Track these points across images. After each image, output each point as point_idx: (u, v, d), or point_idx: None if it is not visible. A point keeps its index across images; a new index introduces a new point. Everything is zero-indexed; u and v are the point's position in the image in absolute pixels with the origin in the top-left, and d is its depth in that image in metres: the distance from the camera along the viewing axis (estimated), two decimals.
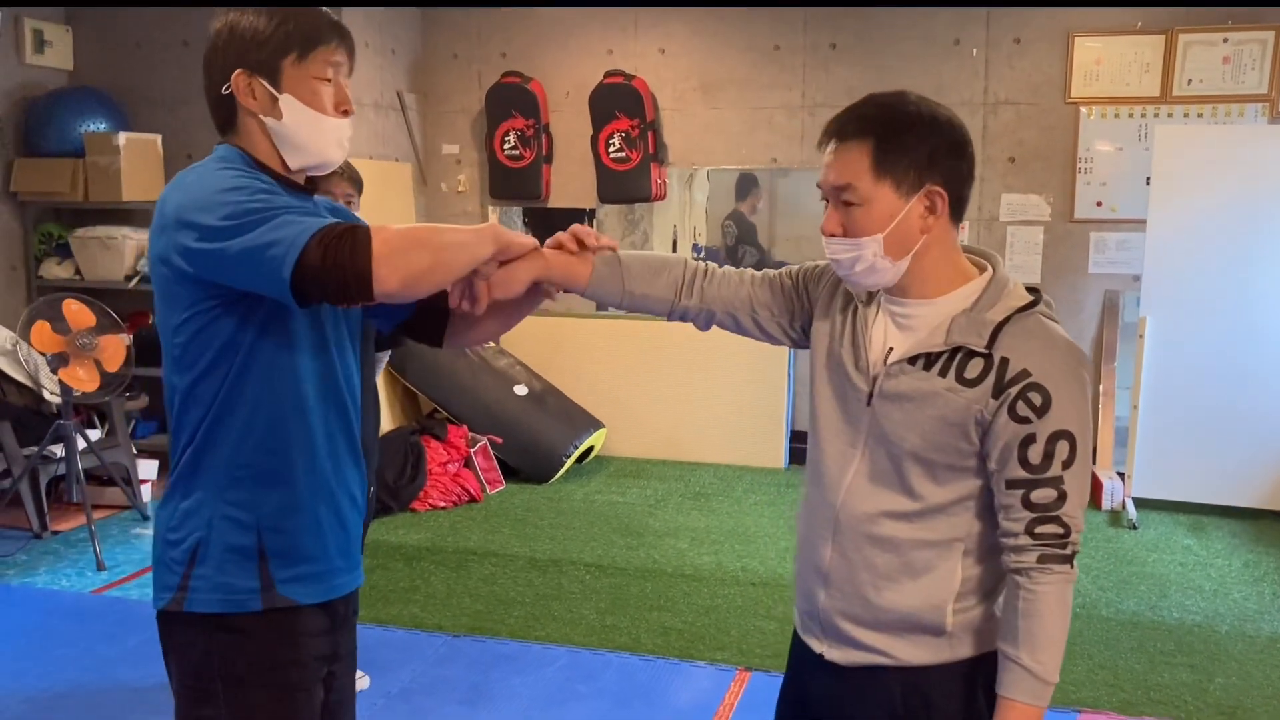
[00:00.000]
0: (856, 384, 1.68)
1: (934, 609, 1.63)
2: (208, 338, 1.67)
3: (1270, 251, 5.32)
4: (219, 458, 1.71)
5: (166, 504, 1.76)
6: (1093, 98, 5.83)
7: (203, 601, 1.71)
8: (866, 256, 1.60)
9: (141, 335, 5.61)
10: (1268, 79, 5.64)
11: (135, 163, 5.78)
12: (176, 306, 1.67)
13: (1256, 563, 4.85)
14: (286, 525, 1.74)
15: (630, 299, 1.85)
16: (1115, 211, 5.87)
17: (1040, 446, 1.54)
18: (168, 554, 1.74)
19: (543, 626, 4.05)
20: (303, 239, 1.54)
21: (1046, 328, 1.60)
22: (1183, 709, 3.49)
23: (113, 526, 5.23)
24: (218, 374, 1.68)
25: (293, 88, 1.70)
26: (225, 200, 1.58)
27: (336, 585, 1.83)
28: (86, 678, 3.60)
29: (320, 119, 1.73)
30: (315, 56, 1.71)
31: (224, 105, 1.74)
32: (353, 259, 1.54)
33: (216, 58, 1.73)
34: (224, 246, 1.56)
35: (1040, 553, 1.55)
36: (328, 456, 1.79)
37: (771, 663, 3.76)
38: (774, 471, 6.30)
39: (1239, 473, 5.37)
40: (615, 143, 6.28)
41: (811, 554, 1.74)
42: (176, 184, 1.68)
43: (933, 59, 6.04)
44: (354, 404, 1.86)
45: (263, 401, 1.70)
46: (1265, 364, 5.33)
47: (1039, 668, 1.55)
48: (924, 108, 1.59)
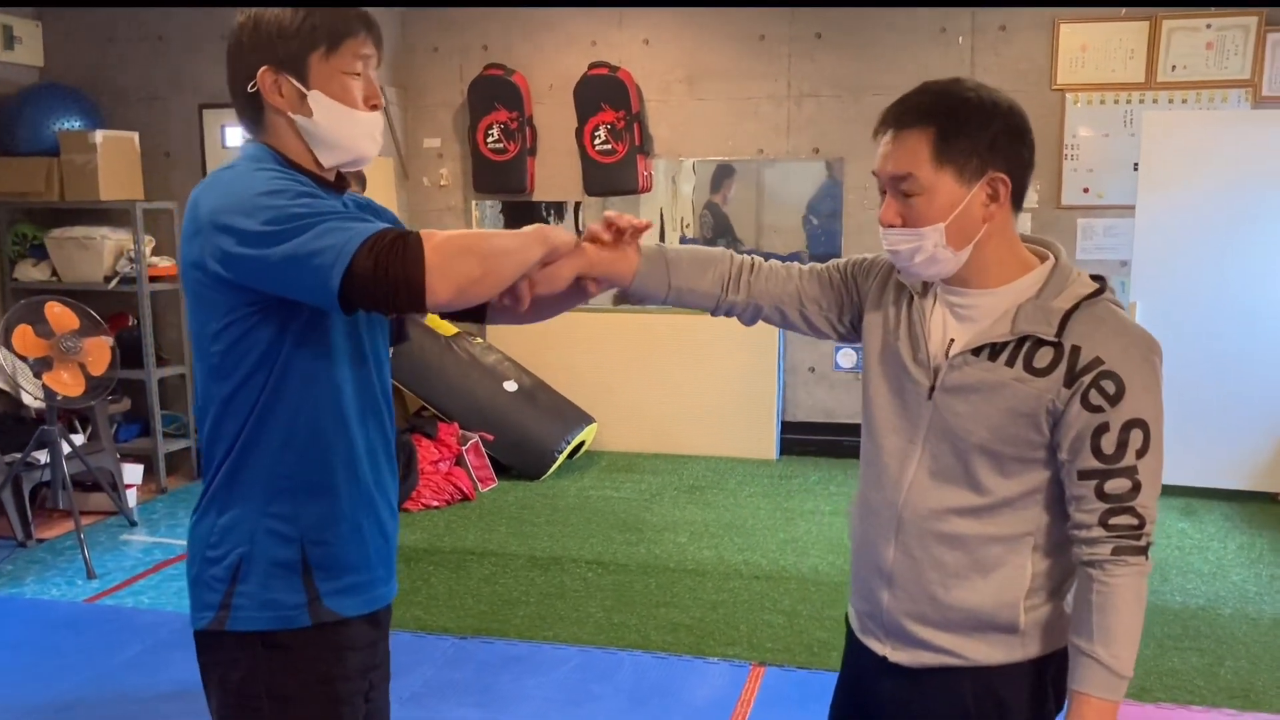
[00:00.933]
0: (916, 378, 1.64)
1: (1007, 606, 1.60)
2: (247, 345, 1.61)
3: (1257, 235, 5.36)
4: (259, 470, 1.65)
5: (202, 520, 1.69)
6: (1078, 84, 5.85)
7: (248, 619, 1.65)
8: (927, 247, 1.57)
9: (122, 337, 5.51)
10: (1250, 64, 5.68)
11: (112, 161, 5.65)
12: (213, 313, 1.61)
13: (1251, 545, 4.89)
14: (330, 536, 1.69)
15: (677, 295, 1.81)
16: (1102, 198, 5.89)
17: (1114, 436, 1.51)
18: (207, 572, 1.67)
19: (550, 626, 4.00)
20: (352, 246, 1.47)
21: (1117, 315, 1.57)
22: (1196, 693, 3.50)
23: (100, 533, 5.12)
24: (256, 382, 1.62)
25: (321, 83, 1.64)
26: (266, 204, 1.52)
27: (379, 595, 1.79)
28: (89, 689, 3.52)
29: (351, 114, 1.66)
30: (343, 50, 1.64)
31: (251, 103, 1.67)
32: (405, 268, 1.47)
33: (241, 54, 1.66)
34: (266, 253, 1.50)
35: (1115, 544, 1.52)
36: (369, 464, 1.74)
37: (784, 657, 3.74)
38: (766, 463, 6.29)
39: (1229, 455, 5.41)
40: (601, 135, 6.22)
41: (872, 554, 1.70)
42: (210, 186, 1.61)
43: (918, 47, 6.03)
44: (389, 409, 1.81)
45: (302, 410, 1.65)
46: (1253, 347, 5.37)
47: (1115, 661, 1.52)
48: (983, 93, 1.55)
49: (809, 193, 6.33)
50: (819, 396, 6.48)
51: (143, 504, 5.58)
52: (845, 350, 6.35)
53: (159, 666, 3.68)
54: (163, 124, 6.07)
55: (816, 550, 4.82)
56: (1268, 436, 5.47)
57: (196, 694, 3.40)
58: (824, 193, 6.28)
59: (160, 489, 5.82)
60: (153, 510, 5.52)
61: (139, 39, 6.05)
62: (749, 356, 6.27)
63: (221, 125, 5.98)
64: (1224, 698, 3.48)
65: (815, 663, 3.70)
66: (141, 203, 5.69)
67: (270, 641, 1.66)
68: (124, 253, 5.80)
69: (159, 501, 5.68)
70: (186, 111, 6.03)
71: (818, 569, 4.58)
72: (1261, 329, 5.38)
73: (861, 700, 1.80)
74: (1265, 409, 5.42)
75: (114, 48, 6.09)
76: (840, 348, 6.34)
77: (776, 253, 6.18)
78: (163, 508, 5.57)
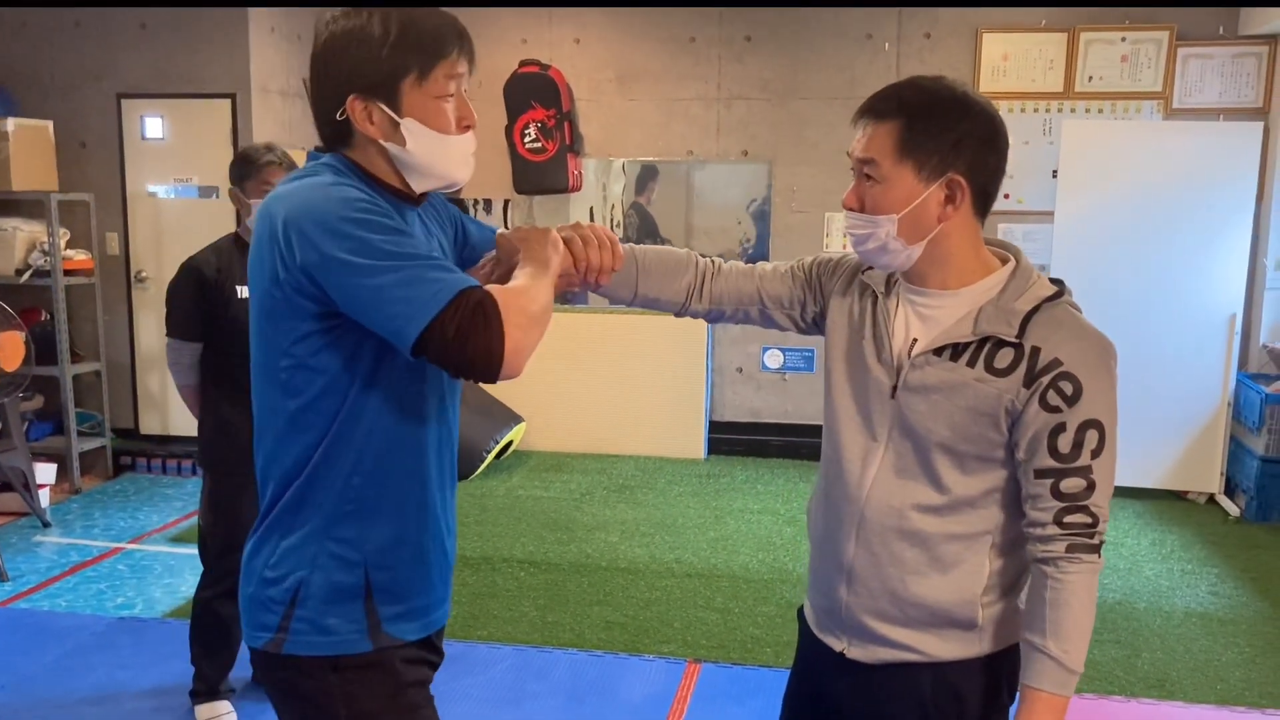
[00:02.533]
0: (879, 377, 1.66)
1: (965, 603, 1.62)
2: (322, 361, 1.53)
3: (1167, 242, 5.56)
4: (328, 492, 1.57)
5: (266, 539, 1.62)
6: (1000, 92, 5.99)
7: (305, 644, 1.59)
8: (879, 235, 1.59)
9: (35, 333, 5.34)
10: (1162, 77, 5.88)
11: (25, 150, 5.47)
12: (287, 325, 1.52)
13: (1162, 541, 5.07)
14: (393, 562, 1.63)
15: (643, 299, 1.83)
16: (1022, 203, 6.05)
17: (1070, 436, 1.54)
18: (265, 592, 1.61)
19: (483, 625, 3.98)
20: (435, 306, 1.41)
21: (1075, 318, 1.61)
22: (1116, 683, 3.62)
23: (11, 534, 4.95)
24: (329, 403, 1.55)
25: (414, 110, 1.54)
26: (351, 233, 1.44)
27: (436, 618, 1.74)
28: (7, 695, 3.40)
29: (445, 140, 1.57)
30: (437, 74, 1.54)
31: (338, 127, 1.57)
32: (488, 342, 1.42)
33: (327, 78, 1.55)
34: (348, 283, 1.43)
35: (1069, 542, 1.55)
36: (437, 487, 1.68)
37: (719, 654, 3.77)
38: (695, 462, 6.33)
39: (1141, 456, 5.60)
40: (531, 133, 6.20)
41: (832, 550, 1.72)
42: (286, 198, 1.51)
43: (846, 53, 6.13)
44: (455, 415, 1.75)
45: (377, 431, 1.57)
46: (1163, 350, 5.57)
47: (1065, 657, 1.55)
48: (960, 93, 1.57)
49: (738, 194, 6.39)
50: (746, 397, 6.54)
51: (56, 505, 5.41)
52: (772, 351, 6.42)
53: (79, 670, 3.57)
54: (79, 113, 5.88)
55: (746, 548, 4.87)
56: (1177, 438, 5.67)
57: (119, 697, 3.36)
58: (753, 194, 6.34)
59: (74, 489, 5.64)
60: (66, 511, 5.35)
61: (54, 25, 5.86)
62: (678, 357, 6.30)
63: (140, 115, 5.82)
64: (1142, 688, 3.60)
65: (750, 659, 3.73)
66: (56, 194, 5.52)
67: (338, 665, 1.61)
68: (37, 245, 5.61)
69: (73, 502, 5.51)
70: (104, 101, 5.85)
71: (748, 567, 4.63)
72: (1171, 333, 5.59)
73: (817, 698, 1.81)
74: (1175, 411, 5.63)
75: (27, 33, 5.89)
76: (767, 349, 6.40)
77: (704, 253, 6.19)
78: (77, 508, 5.40)
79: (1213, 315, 5.58)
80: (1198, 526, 5.30)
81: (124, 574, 4.49)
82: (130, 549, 4.80)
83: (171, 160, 5.94)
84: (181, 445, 6.03)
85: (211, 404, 3.15)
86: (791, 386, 6.49)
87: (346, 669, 1.61)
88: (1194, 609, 4.27)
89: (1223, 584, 4.54)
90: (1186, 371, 5.61)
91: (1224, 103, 5.83)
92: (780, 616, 4.08)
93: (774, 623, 4.04)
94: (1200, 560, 4.82)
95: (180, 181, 5.96)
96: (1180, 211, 5.54)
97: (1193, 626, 4.10)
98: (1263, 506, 5.37)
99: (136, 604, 4.17)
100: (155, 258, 6.05)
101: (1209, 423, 5.64)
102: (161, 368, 6.07)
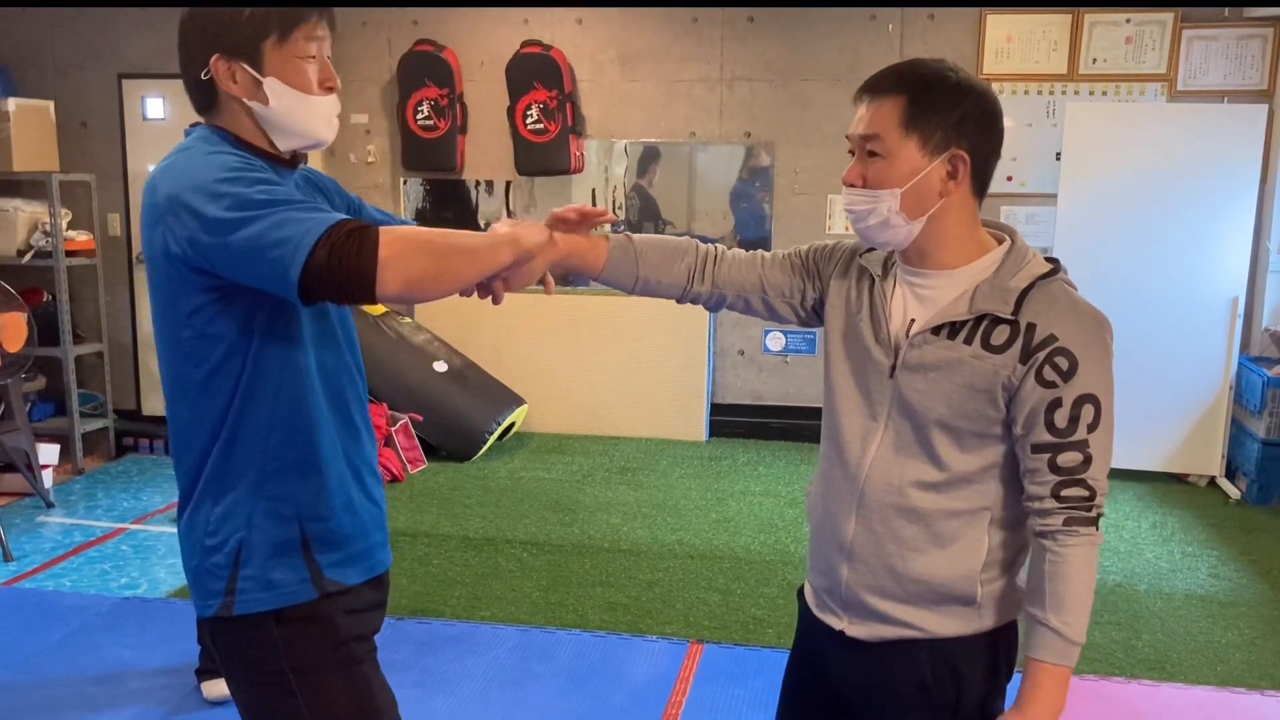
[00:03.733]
0: (877, 357, 1.68)
1: (964, 579, 1.64)
2: (219, 328, 1.60)
3: (1171, 225, 5.55)
4: (250, 454, 1.64)
5: (197, 509, 1.68)
6: (1003, 74, 5.98)
7: (254, 601, 1.66)
8: (881, 210, 1.61)
9: (37, 314, 5.34)
10: (1166, 59, 5.86)
11: (26, 131, 5.46)
12: (181, 298, 1.59)
13: (1163, 523, 5.08)
14: (325, 512, 1.70)
15: (644, 285, 1.86)
16: (1025, 186, 6.04)
17: (1066, 410, 1.56)
18: (208, 560, 1.67)
19: (486, 606, 4.00)
20: (311, 238, 1.47)
21: (1070, 294, 1.62)
22: (1117, 665, 3.64)
23: (15, 515, 4.96)
24: (233, 366, 1.62)
25: (276, 70, 1.63)
26: (225, 190, 1.51)
27: (378, 561, 1.81)
28: (13, 675, 3.41)
29: (307, 99, 1.66)
30: (297, 35, 1.63)
31: (203, 89, 1.66)
32: (358, 260, 1.48)
33: (193, 40, 1.64)
34: (227, 241, 1.50)
35: (1066, 515, 1.58)
36: (348, 437, 1.75)
37: (721, 635, 3.79)
38: (696, 444, 6.34)
39: (1142, 438, 5.61)
40: (533, 114, 6.18)
41: (833, 529, 1.74)
42: (165, 171, 1.60)
43: (849, 33, 6.11)
44: (362, 379, 1.82)
45: (283, 390, 1.64)
46: (1165, 334, 5.57)
47: (1066, 629, 1.57)
48: (962, 75, 1.61)
49: (740, 176, 6.37)
50: (748, 379, 6.55)
51: (59, 485, 5.42)
52: (774, 333, 6.42)
53: (85, 650, 3.59)
54: (80, 93, 5.88)
55: (748, 530, 4.88)
56: (1178, 421, 5.68)
57: (125, 676, 3.38)
58: (755, 176, 6.33)
59: (77, 470, 5.66)
60: (69, 492, 5.37)
61: (55, 6, 5.84)
62: (679, 339, 6.31)
63: (142, 96, 5.81)
64: (1142, 669, 3.62)
65: (752, 639, 3.75)
66: (57, 174, 5.51)
67: (280, 617, 1.67)
68: (39, 226, 5.61)
69: (76, 483, 5.52)
70: (105, 81, 5.84)
71: (750, 548, 4.64)
72: (1173, 315, 5.58)
73: (816, 677, 1.83)
74: (1176, 394, 5.63)
75: (28, 14, 5.87)
76: (769, 331, 6.40)
77: (706, 235, 6.22)
78: (80, 489, 5.42)
79: (1215, 298, 5.58)
80: (1198, 509, 5.31)
81: (128, 554, 4.51)
82: (134, 529, 4.82)
83: (173, 141, 5.79)
84: None
85: None
86: (793, 369, 6.49)
87: (288, 621, 1.67)
88: (1194, 591, 4.28)
89: (1223, 566, 4.55)
90: (1188, 354, 5.61)
91: (1228, 85, 5.80)
92: (782, 598, 4.09)
93: (776, 604, 4.05)
94: (1201, 543, 4.83)
95: None
96: (1183, 194, 5.53)
97: (1193, 609, 4.11)
98: (1263, 489, 5.38)
99: (141, 584, 4.19)
100: None
101: (1210, 406, 5.64)
102: None
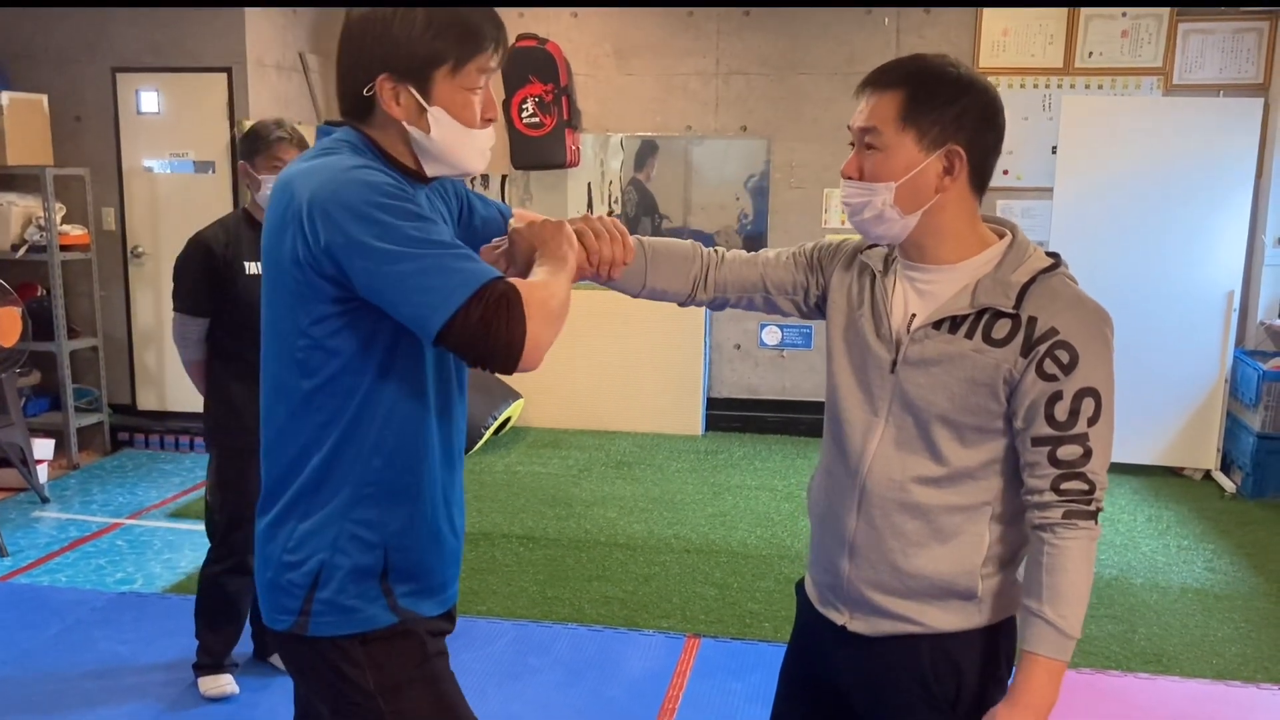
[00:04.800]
0: (878, 352, 1.68)
1: (965, 574, 1.64)
2: (340, 342, 1.54)
3: (1167, 219, 5.56)
4: (347, 474, 1.59)
5: (282, 522, 1.63)
6: (1000, 68, 5.97)
7: (328, 625, 1.61)
8: (876, 204, 1.61)
9: (31, 308, 5.32)
10: (1162, 53, 5.86)
11: (20, 124, 5.44)
12: (304, 305, 1.53)
13: (1159, 517, 5.09)
14: (410, 543, 1.65)
15: (650, 292, 1.87)
16: (1021, 180, 6.04)
17: (1066, 404, 1.56)
18: (284, 576, 1.62)
19: (483, 601, 3.99)
20: (459, 296, 1.43)
21: (1071, 288, 1.62)
22: (1113, 658, 3.64)
23: (10, 510, 4.95)
24: (346, 380, 1.56)
25: (444, 99, 1.55)
26: (378, 219, 1.45)
27: (449, 596, 1.76)
28: (10, 669, 3.41)
29: (469, 133, 1.59)
30: (471, 67, 1.55)
31: (362, 102, 1.58)
32: (509, 333, 1.45)
33: (360, 52, 1.55)
34: (372, 269, 1.44)
35: (1066, 508, 1.58)
36: (450, 468, 1.71)
37: (717, 629, 3.79)
38: (692, 439, 6.33)
39: (1138, 432, 5.62)
40: (529, 108, 6.17)
41: (835, 525, 1.74)
42: (307, 175, 1.52)
43: (845, 27, 6.10)
44: (464, 395, 1.76)
45: (396, 414, 1.59)
46: (1161, 328, 5.58)
47: (1062, 622, 1.57)
48: (964, 71, 1.60)
49: (736, 170, 6.37)
50: (744, 373, 6.55)
51: (54, 480, 5.41)
52: (770, 328, 6.42)
53: (81, 645, 3.58)
54: (74, 87, 5.84)
55: (744, 524, 4.88)
56: (1174, 414, 5.69)
57: (121, 671, 3.37)
58: (751, 170, 6.32)
59: (72, 465, 5.64)
60: (64, 487, 5.36)
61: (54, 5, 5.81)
62: (675, 334, 6.30)
63: (136, 89, 5.78)
64: (1138, 662, 3.63)
65: (749, 633, 3.75)
66: (51, 168, 5.49)
67: (365, 638, 1.63)
68: (33, 220, 5.59)
69: (71, 477, 5.51)
70: (99, 74, 5.81)
71: (746, 542, 4.64)
72: (1169, 309, 5.59)
73: (815, 671, 1.83)
74: (1172, 388, 5.64)
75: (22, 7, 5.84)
76: (765, 325, 6.40)
77: (704, 230, 6.21)
78: (75, 484, 5.41)
79: (1211, 292, 5.58)
80: (1194, 503, 5.32)
81: (123, 549, 4.50)
82: (129, 524, 4.81)
83: (167, 135, 5.91)
84: (179, 421, 6.03)
85: (218, 380, 3.15)
86: (789, 363, 6.49)
87: (374, 641, 1.63)
88: (1190, 585, 4.29)
89: (1218, 560, 4.56)
90: (1184, 348, 5.61)
91: (1224, 78, 5.81)
92: (779, 592, 4.10)
93: (772, 598, 4.05)
94: (1196, 536, 4.84)
95: (176, 156, 5.93)
96: (1180, 188, 5.53)
97: (1189, 602, 4.12)
98: (1259, 483, 5.39)
99: (136, 579, 4.18)
100: (151, 233, 6.02)
101: (1206, 399, 5.65)
102: (159, 343, 6.06)
